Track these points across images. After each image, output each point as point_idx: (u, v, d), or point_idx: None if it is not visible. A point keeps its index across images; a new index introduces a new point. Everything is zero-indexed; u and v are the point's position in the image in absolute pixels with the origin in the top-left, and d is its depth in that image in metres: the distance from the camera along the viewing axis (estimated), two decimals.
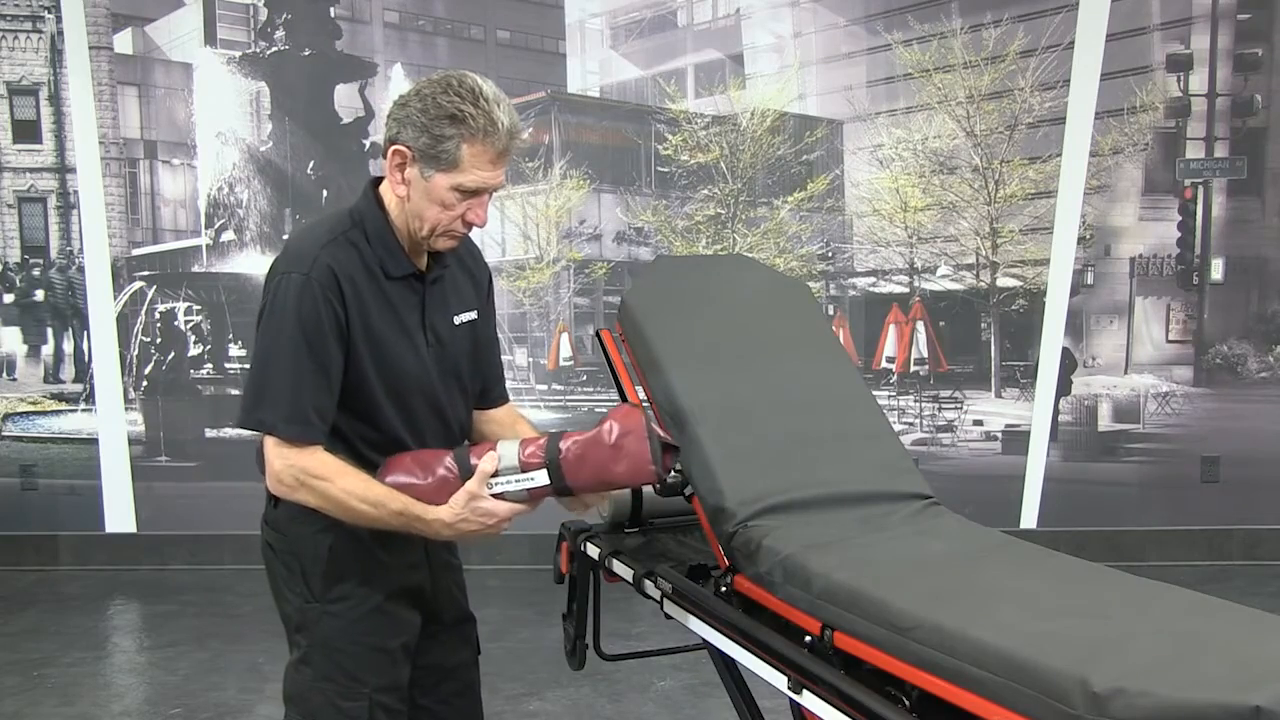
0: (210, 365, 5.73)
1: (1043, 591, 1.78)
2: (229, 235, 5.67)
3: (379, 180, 2.02)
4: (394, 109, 1.92)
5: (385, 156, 1.94)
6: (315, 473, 1.90)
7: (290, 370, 1.90)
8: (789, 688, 1.85)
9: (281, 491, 1.94)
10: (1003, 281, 5.61)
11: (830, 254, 5.74)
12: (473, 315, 2.12)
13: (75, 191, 5.55)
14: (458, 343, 2.09)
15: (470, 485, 1.91)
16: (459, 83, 1.88)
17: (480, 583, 3.52)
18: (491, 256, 5.42)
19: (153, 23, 5.70)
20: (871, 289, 5.74)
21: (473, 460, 1.93)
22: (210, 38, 5.63)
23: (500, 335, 2.22)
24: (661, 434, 1.96)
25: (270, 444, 1.92)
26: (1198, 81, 5.48)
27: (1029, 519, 5.52)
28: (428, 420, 2.05)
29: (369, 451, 1.99)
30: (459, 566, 2.27)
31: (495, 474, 1.92)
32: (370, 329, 1.95)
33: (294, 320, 1.89)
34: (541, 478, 1.93)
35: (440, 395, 2.07)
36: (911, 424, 5.68)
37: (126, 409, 5.62)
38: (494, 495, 1.92)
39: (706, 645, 2.17)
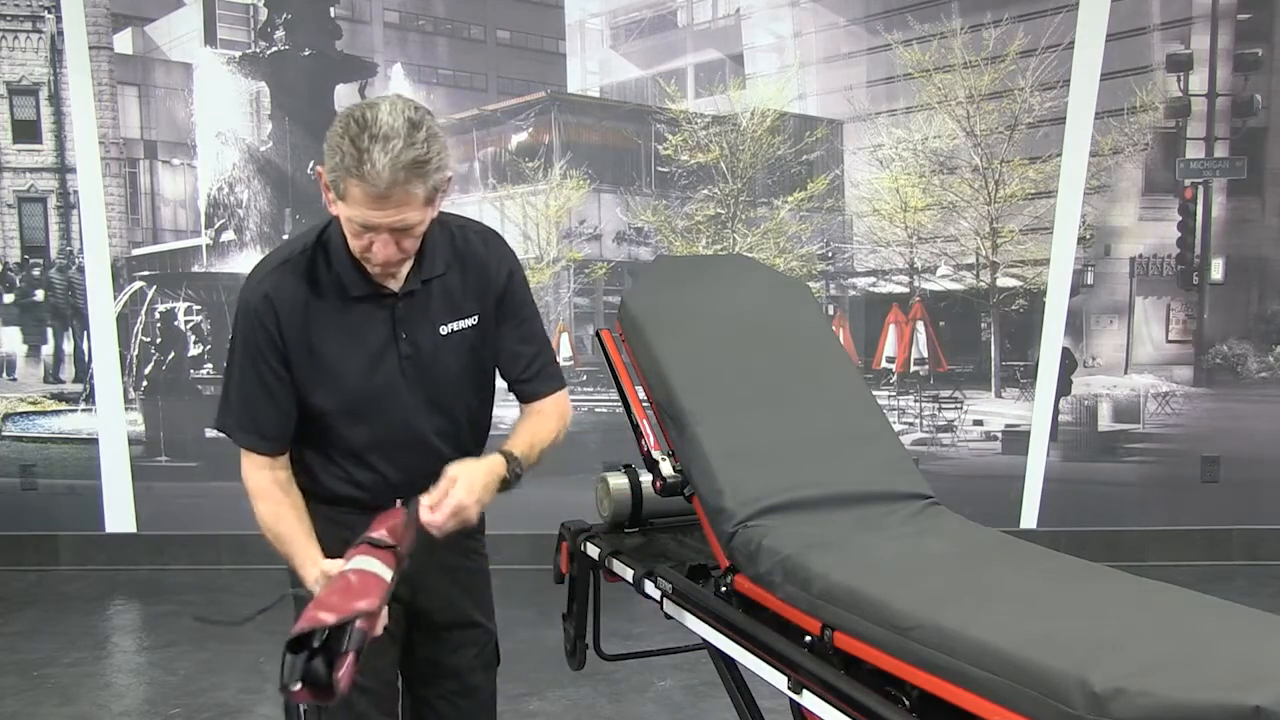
0: (210, 365, 5.73)
1: (1043, 591, 1.78)
2: (229, 235, 5.67)
3: None
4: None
5: None
6: (250, 487, 2.07)
7: (239, 385, 2.05)
8: (789, 688, 1.85)
9: (249, 493, 2.08)
10: (1003, 281, 5.61)
11: (830, 254, 5.74)
12: (469, 321, 2.07)
13: (75, 191, 5.54)
14: (446, 352, 2.05)
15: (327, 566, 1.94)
16: (360, 115, 1.80)
17: None
18: None
19: (153, 23, 5.70)
20: (871, 289, 5.74)
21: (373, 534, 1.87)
22: (210, 38, 5.63)
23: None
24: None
25: (242, 457, 2.07)
26: (1198, 81, 5.48)
27: (1029, 519, 5.52)
28: (397, 434, 2.05)
29: (343, 460, 2.08)
30: (475, 570, 2.26)
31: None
32: (313, 350, 1.98)
33: (239, 342, 2.03)
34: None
35: (412, 409, 2.05)
36: (911, 424, 5.68)
37: (126, 409, 5.62)
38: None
39: (706, 645, 2.17)
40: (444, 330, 2.05)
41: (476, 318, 2.08)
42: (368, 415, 2.03)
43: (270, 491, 2.05)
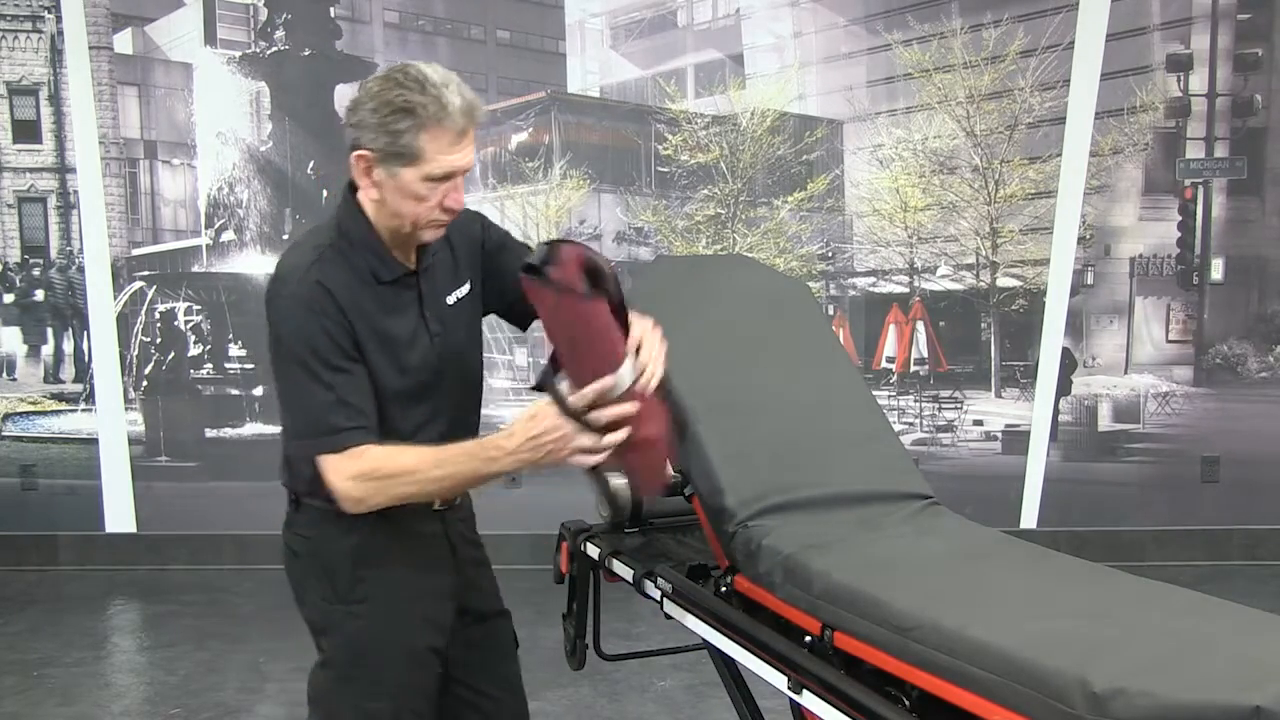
0: (210, 365, 5.73)
1: (1042, 591, 1.78)
2: (229, 235, 5.67)
3: (354, 184, 2.00)
4: (348, 115, 1.90)
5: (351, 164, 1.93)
6: (372, 472, 1.86)
7: (306, 388, 1.89)
8: (789, 688, 1.85)
9: (360, 507, 1.89)
10: (1003, 281, 5.61)
11: (830, 254, 5.74)
12: (465, 289, 2.09)
13: (75, 191, 5.54)
14: (457, 322, 2.08)
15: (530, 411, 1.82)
16: (403, 74, 1.85)
17: None
18: None
19: (153, 23, 5.70)
20: (871, 289, 5.74)
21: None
22: (210, 38, 5.63)
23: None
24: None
25: (323, 466, 1.88)
26: (1198, 81, 5.48)
27: (1029, 519, 5.52)
28: (441, 412, 2.05)
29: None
30: (488, 562, 2.27)
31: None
32: (373, 334, 1.94)
33: (297, 339, 1.88)
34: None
35: (448, 386, 2.06)
36: (911, 424, 5.68)
37: (126, 409, 5.61)
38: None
39: (706, 645, 2.17)
40: (450, 300, 2.07)
41: (469, 284, 2.10)
42: (419, 396, 2.01)
43: (387, 452, 1.87)
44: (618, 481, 2.51)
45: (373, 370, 1.93)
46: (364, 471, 1.86)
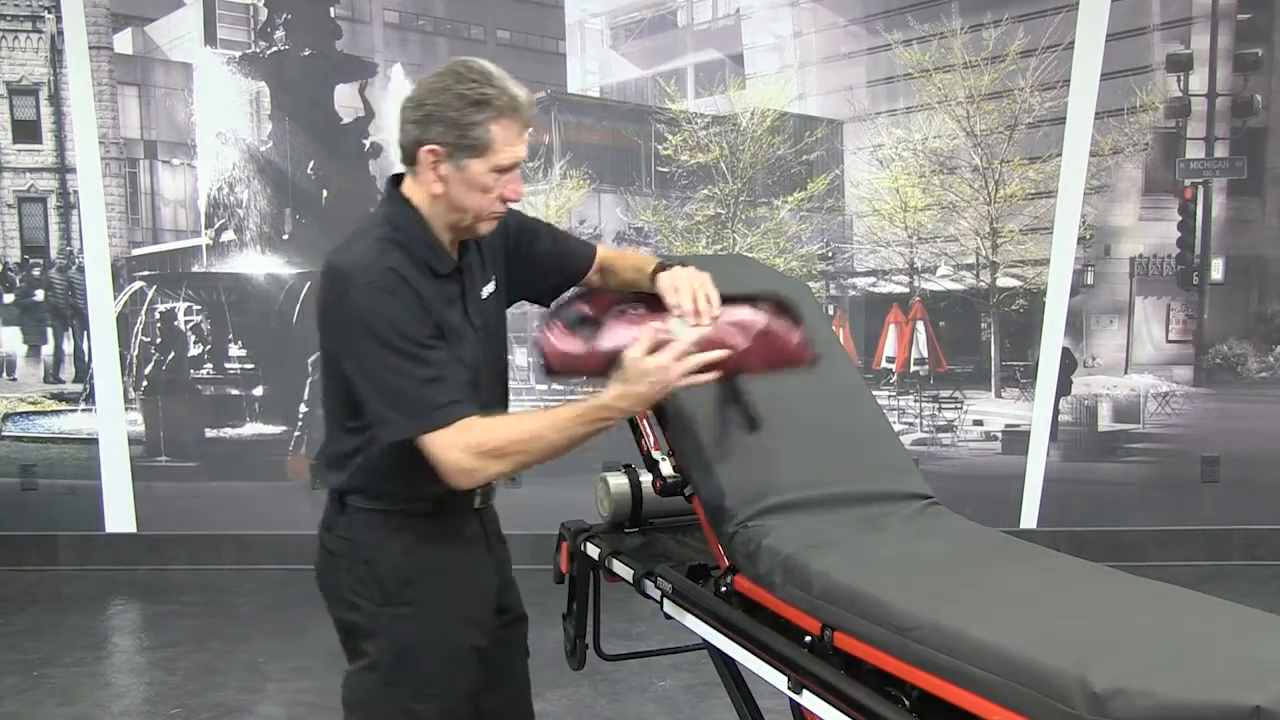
0: (210, 365, 5.73)
1: (1043, 591, 1.78)
2: (229, 235, 5.67)
3: (397, 179, 2.00)
4: (409, 111, 1.91)
5: (413, 160, 1.92)
6: (484, 444, 1.85)
7: (402, 370, 1.85)
8: (789, 688, 1.85)
9: (471, 479, 1.89)
10: (1003, 281, 5.60)
11: (830, 254, 5.74)
12: (492, 285, 2.10)
13: (75, 191, 5.54)
14: (490, 317, 2.10)
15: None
16: (466, 69, 1.89)
17: None
18: None
19: (153, 23, 5.70)
20: (871, 289, 5.74)
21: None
22: (210, 38, 5.63)
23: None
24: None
25: (430, 445, 1.85)
26: (1198, 81, 5.48)
27: (1029, 519, 5.52)
28: (486, 408, 2.02)
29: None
30: (511, 561, 2.28)
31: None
32: (445, 326, 1.95)
33: (385, 324, 1.85)
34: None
35: (491, 380, 2.09)
36: (911, 424, 5.68)
37: (126, 409, 5.61)
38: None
39: (706, 645, 2.17)
40: (483, 294, 2.08)
41: (494, 281, 2.11)
42: (473, 391, 1.99)
43: (494, 422, 1.88)
44: (618, 482, 2.52)
45: None
46: (479, 444, 1.85)
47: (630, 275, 2.22)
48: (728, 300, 2.01)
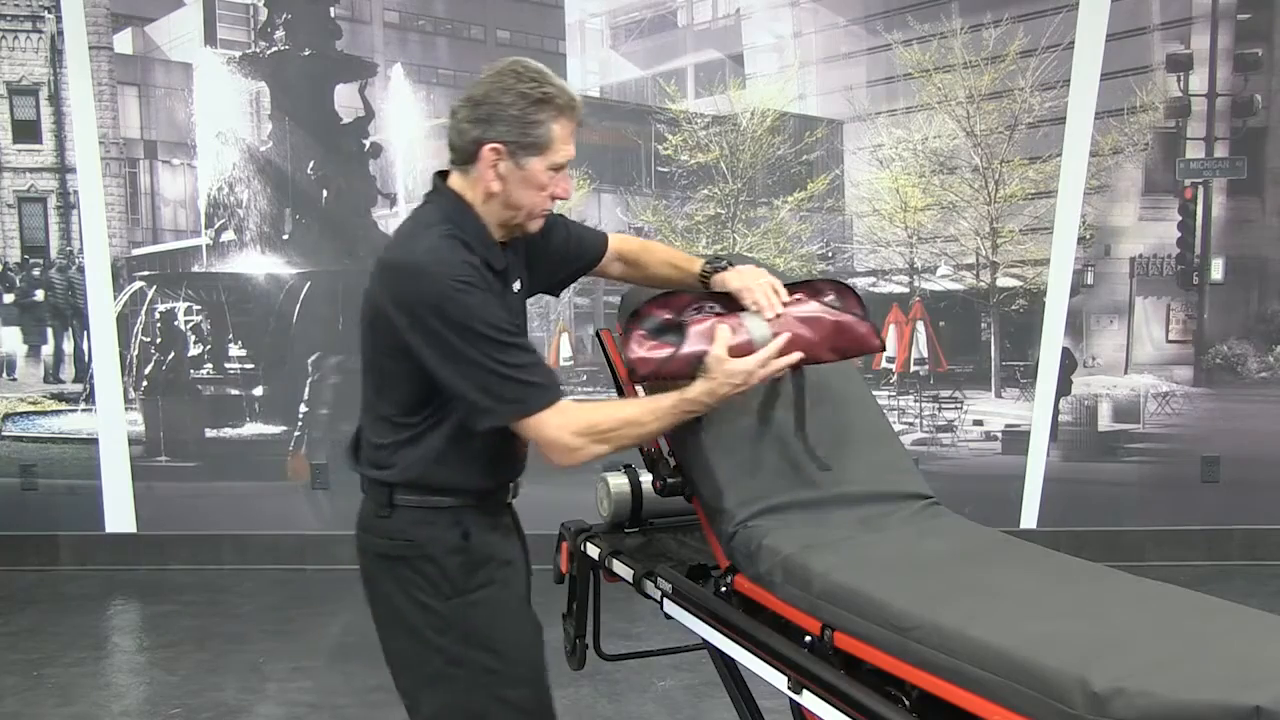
0: (210, 365, 5.73)
1: (1043, 591, 1.78)
2: (229, 235, 5.67)
3: (443, 175, 2.01)
4: (467, 111, 1.93)
5: (471, 159, 1.94)
6: (590, 427, 1.93)
7: (499, 358, 1.88)
8: (789, 688, 1.85)
9: (574, 459, 1.94)
10: (1003, 281, 5.61)
11: (830, 254, 5.74)
12: (519, 284, 2.12)
13: (75, 191, 5.55)
14: (519, 312, 2.12)
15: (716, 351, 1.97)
16: (523, 68, 1.93)
17: None
18: None
19: (153, 23, 5.70)
20: (871, 289, 5.74)
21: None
22: (210, 38, 5.63)
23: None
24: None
25: (534, 426, 1.91)
26: (1198, 81, 5.48)
27: (1029, 519, 5.52)
28: None
29: (496, 442, 1.99)
30: None
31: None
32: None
33: (475, 317, 1.87)
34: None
35: None
36: (911, 424, 5.68)
37: (126, 409, 5.62)
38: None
39: (706, 645, 2.17)
40: (514, 289, 2.10)
41: (520, 281, 2.13)
42: None
43: (591, 406, 1.98)
44: (618, 482, 2.52)
45: None
46: (585, 425, 1.93)
47: (666, 272, 2.27)
48: (791, 287, 2.13)
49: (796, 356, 2.03)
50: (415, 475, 1.99)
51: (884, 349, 2.18)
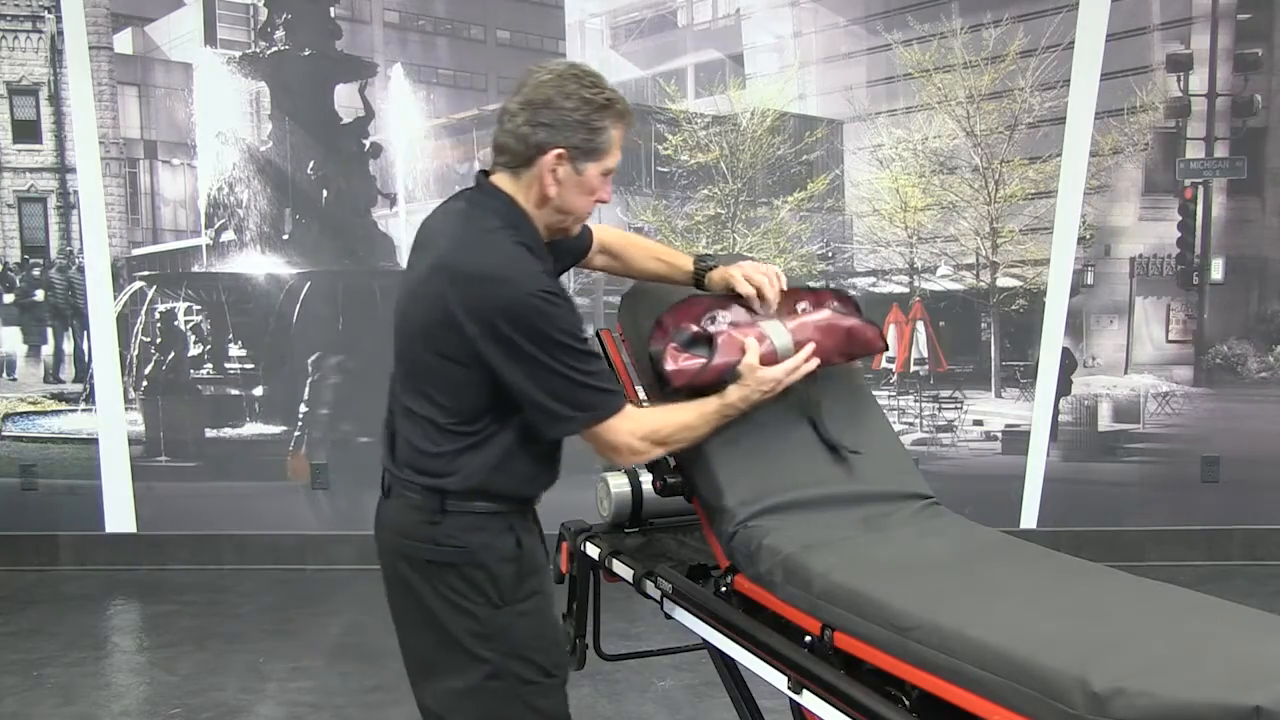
0: (210, 365, 5.73)
1: (1043, 591, 1.78)
2: (229, 235, 5.67)
3: (485, 174, 2.00)
4: (527, 115, 1.91)
5: (529, 163, 1.93)
6: (653, 432, 2.00)
7: (581, 368, 1.91)
8: (789, 688, 1.85)
9: (637, 461, 2.03)
10: (1003, 281, 5.61)
11: (830, 254, 5.74)
12: None
13: (75, 191, 5.55)
14: None
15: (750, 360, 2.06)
16: (582, 72, 1.94)
17: None
18: None
19: (153, 23, 5.70)
20: (871, 289, 5.74)
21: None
22: (210, 38, 5.63)
23: None
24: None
25: (606, 431, 1.95)
26: (1198, 81, 5.48)
27: (1029, 519, 5.52)
28: None
29: (548, 449, 2.03)
30: None
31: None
32: None
33: (561, 328, 1.88)
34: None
35: None
36: (911, 424, 5.68)
37: (126, 409, 5.61)
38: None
39: (706, 645, 2.17)
40: None
41: None
42: None
43: (652, 410, 2.06)
44: (618, 482, 2.52)
45: None
46: (650, 430, 2.00)
47: (653, 266, 2.31)
48: (797, 292, 2.24)
49: (816, 363, 2.13)
50: (476, 483, 1.96)
51: (888, 349, 2.24)
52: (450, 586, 1.97)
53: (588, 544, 2.49)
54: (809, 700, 1.80)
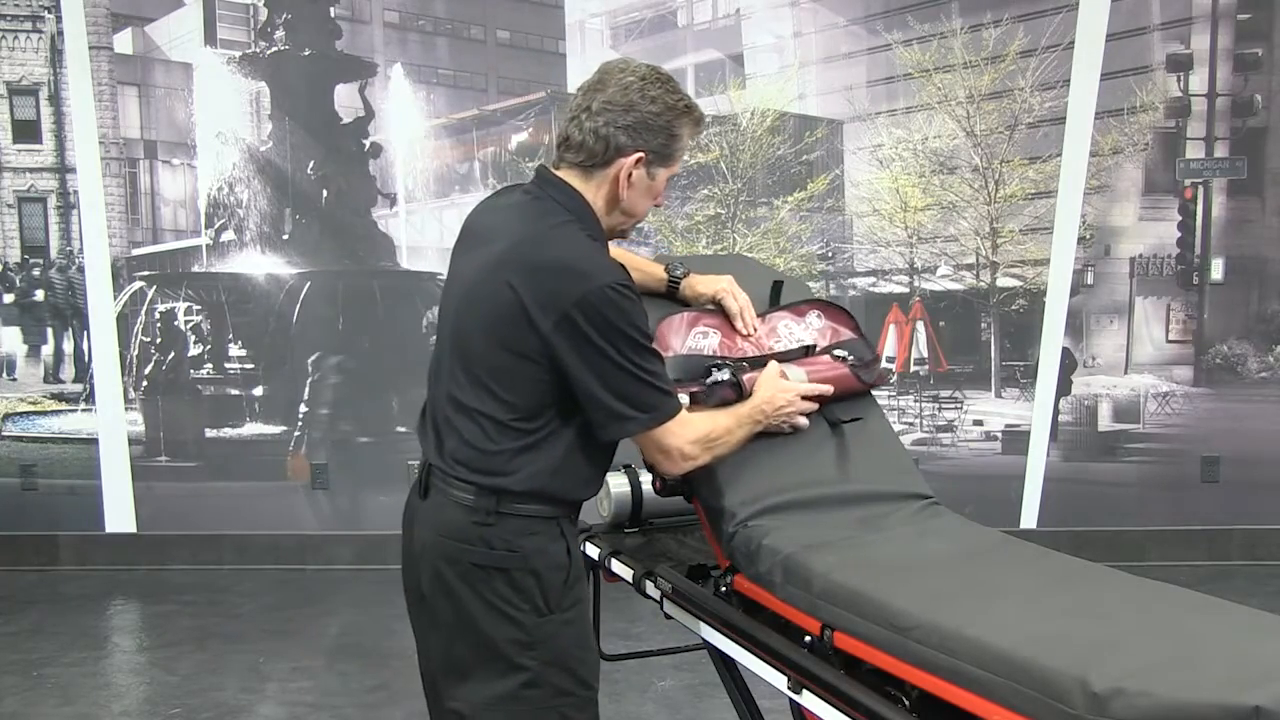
0: (210, 365, 5.73)
1: (1043, 591, 1.78)
2: (229, 235, 5.67)
3: (550, 171, 1.99)
4: (610, 116, 1.91)
5: (607, 163, 1.92)
6: (705, 436, 1.99)
7: (648, 369, 1.89)
8: (789, 688, 1.85)
9: (687, 467, 1.99)
10: (1003, 281, 5.61)
11: (830, 254, 5.74)
12: None
13: (75, 191, 5.54)
14: None
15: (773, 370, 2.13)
16: (663, 76, 1.94)
17: None
18: None
19: (153, 23, 5.70)
20: (871, 289, 5.74)
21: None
22: (210, 38, 5.63)
23: None
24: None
25: (661, 435, 1.93)
26: (1198, 81, 5.48)
27: (1029, 519, 5.52)
28: None
29: (604, 452, 2.01)
30: None
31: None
32: None
33: (636, 327, 1.87)
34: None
35: None
36: (911, 424, 5.68)
37: (126, 409, 5.62)
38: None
39: (706, 645, 2.17)
40: None
41: None
42: None
43: (696, 416, 2.01)
44: (618, 481, 2.52)
45: None
46: (702, 435, 1.98)
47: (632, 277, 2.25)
48: (783, 308, 2.34)
49: (815, 406, 2.19)
50: (537, 485, 1.91)
51: (871, 387, 2.35)
52: (495, 592, 1.91)
53: (588, 544, 2.49)
54: (809, 700, 1.80)
